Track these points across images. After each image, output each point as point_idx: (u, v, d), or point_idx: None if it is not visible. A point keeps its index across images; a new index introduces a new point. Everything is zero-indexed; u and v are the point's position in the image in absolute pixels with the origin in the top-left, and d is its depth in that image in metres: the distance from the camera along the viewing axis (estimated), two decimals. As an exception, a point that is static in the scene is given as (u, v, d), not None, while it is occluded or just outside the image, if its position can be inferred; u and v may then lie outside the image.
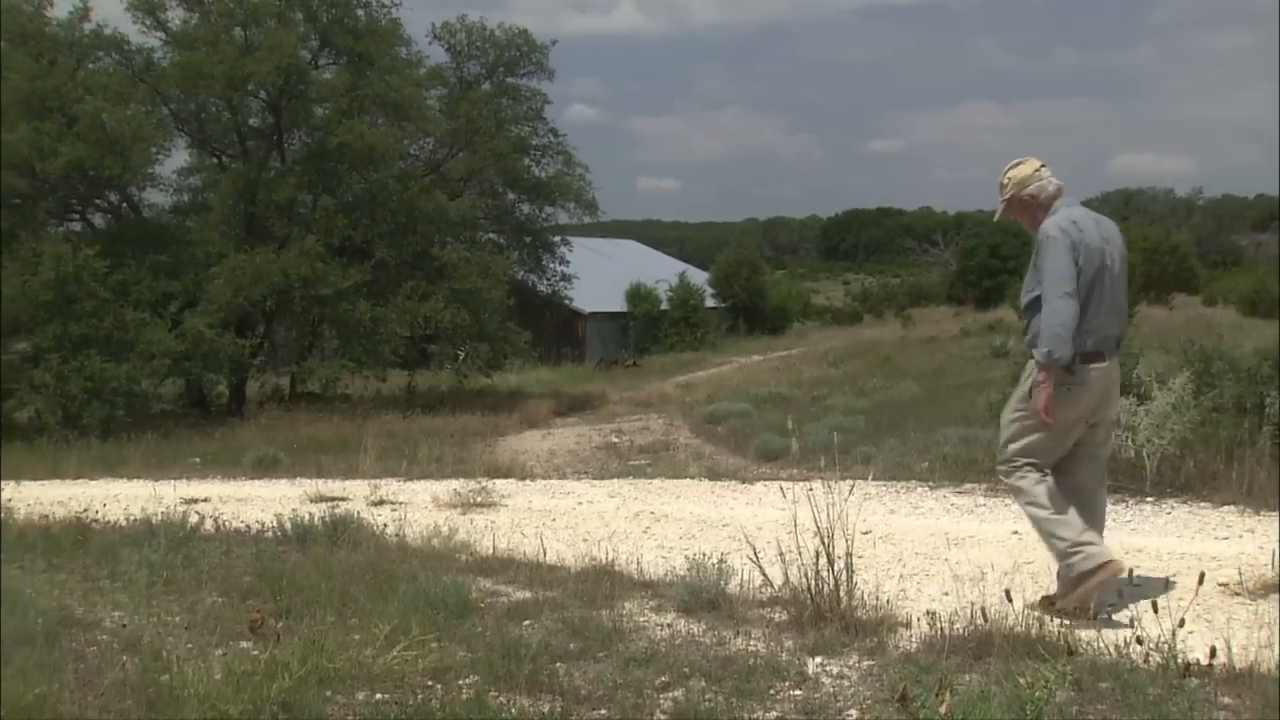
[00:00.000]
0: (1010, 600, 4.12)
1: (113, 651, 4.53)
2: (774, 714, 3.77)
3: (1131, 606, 3.45)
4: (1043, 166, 5.02)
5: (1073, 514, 4.83)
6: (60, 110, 20.33)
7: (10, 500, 8.67)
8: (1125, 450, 7.85)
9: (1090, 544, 4.77)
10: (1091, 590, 4.64)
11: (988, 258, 52.12)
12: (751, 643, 4.57)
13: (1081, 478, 5.05)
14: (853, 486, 5.96)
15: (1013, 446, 5.00)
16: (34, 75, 20.11)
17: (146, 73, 23.18)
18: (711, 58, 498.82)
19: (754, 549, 5.29)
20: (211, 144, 24.91)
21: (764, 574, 5.12)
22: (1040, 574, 5.68)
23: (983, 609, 4.19)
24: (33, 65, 20.29)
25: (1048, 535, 4.89)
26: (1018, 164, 5.05)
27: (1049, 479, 4.93)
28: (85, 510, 8.69)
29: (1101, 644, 3.84)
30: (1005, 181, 5.06)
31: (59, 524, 7.81)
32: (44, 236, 20.88)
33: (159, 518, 7.53)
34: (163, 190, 24.73)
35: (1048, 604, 4.84)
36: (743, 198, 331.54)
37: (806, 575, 4.79)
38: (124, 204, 23.54)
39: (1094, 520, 4.96)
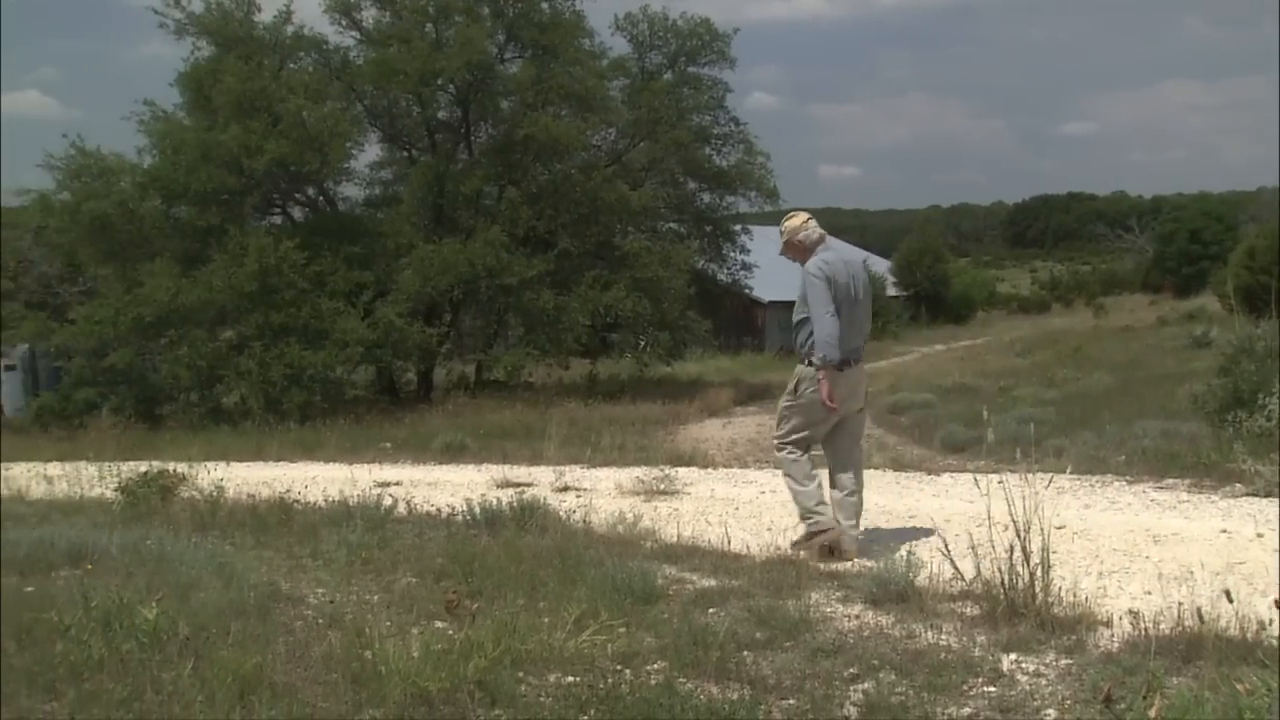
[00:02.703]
0: (1230, 600, 3.90)
1: (318, 626, 4.73)
2: (967, 710, 3.67)
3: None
4: (809, 219, 6.41)
5: (813, 487, 6.32)
6: (266, 110, 21.33)
7: (221, 480, 9.15)
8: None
9: (820, 514, 6.26)
10: (816, 544, 6.20)
11: (1187, 243, 49.38)
12: (942, 637, 4.46)
13: (843, 454, 6.46)
14: (1050, 479, 5.78)
15: (782, 429, 6.46)
16: (244, 77, 21.14)
17: (343, 71, 24.08)
18: (894, 42, 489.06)
19: (944, 541, 5.18)
20: (402, 138, 25.71)
21: (955, 567, 5.00)
22: (1255, 575, 5.38)
23: (1197, 609, 3.97)
24: (242, 68, 21.32)
25: (795, 499, 6.37)
26: (791, 217, 6.45)
27: (805, 457, 6.39)
28: (287, 491, 9.10)
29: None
30: (782, 230, 6.44)
31: (264, 504, 8.21)
32: (249, 230, 21.88)
33: (355, 500, 7.87)
34: (356, 184, 25.69)
35: (794, 546, 6.36)
36: (925, 184, 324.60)
37: (1000, 569, 4.65)
38: (320, 198, 24.53)
39: (858, 482, 6.45)
